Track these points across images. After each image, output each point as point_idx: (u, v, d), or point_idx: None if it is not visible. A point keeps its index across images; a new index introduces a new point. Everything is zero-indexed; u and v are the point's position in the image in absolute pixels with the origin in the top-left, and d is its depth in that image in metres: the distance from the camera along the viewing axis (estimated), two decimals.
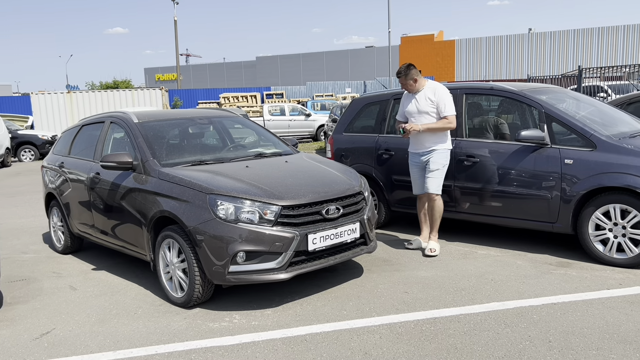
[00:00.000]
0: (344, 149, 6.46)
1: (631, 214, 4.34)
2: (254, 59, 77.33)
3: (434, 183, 5.04)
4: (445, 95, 4.98)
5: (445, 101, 4.95)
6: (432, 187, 5.03)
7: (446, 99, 4.97)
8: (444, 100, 4.95)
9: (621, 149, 4.44)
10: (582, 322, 3.40)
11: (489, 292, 4.02)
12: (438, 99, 4.96)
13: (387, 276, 4.48)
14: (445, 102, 4.94)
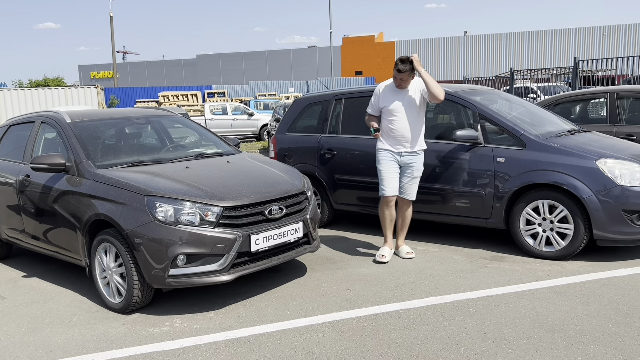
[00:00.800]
0: (286, 149, 6.47)
1: (558, 209, 4.59)
2: (195, 57, 75.85)
3: (416, 190, 4.86)
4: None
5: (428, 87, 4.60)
6: (414, 194, 4.85)
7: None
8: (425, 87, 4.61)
9: (548, 148, 4.69)
10: (514, 313, 3.57)
11: (428, 286, 4.14)
12: (422, 89, 4.66)
13: (330, 274, 4.53)
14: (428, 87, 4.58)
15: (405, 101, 4.70)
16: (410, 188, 4.82)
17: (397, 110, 4.71)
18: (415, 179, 4.81)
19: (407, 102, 4.70)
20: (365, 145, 5.72)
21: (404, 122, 4.70)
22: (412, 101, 4.70)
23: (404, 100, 4.70)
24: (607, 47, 60.44)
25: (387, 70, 70.97)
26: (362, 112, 6.05)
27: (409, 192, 4.84)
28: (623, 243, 4.50)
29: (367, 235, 5.80)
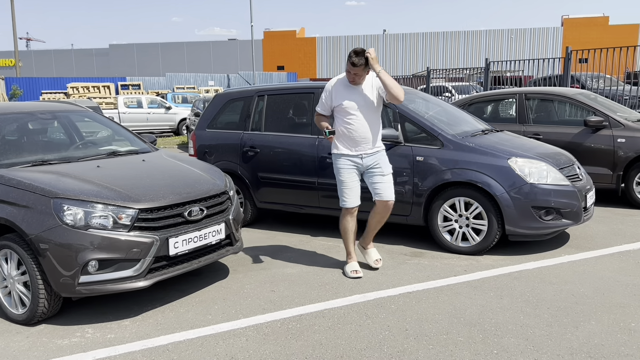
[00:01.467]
0: (207, 146, 6.27)
1: (473, 206, 4.78)
2: (107, 46, 72.26)
3: (390, 188, 4.35)
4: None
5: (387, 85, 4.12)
6: (392, 194, 4.35)
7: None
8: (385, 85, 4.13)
9: (464, 147, 4.86)
10: (433, 309, 3.67)
11: (351, 285, 4.17)
12: (379, 87, 4.22)
13: (254, 276, 4.44)
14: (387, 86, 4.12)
15: (362, 98, 4.23)
16: (385, 187, 4.31)
17: (353, 108, 4.23)
18: (388, 177, 4.33)
19: (364, 99, 4.23)
20: (289, 143, 5.67)
21: (362, 122, 4.24)
22: (368, 98, 4.24)
23: (360, 97, 4.23)
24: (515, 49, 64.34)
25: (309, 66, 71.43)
26: (285, 110, 6.02)
27: (386, 193, 4.31)
28: (532, 237, 4.77)
29: (292, 234, 5.76)
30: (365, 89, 4.25)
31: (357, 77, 4.17)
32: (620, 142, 6.39)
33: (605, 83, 13.82)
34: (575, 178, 4.92)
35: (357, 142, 4.27)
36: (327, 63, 72.48)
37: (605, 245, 5.01)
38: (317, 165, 5.46)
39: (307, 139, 5.57)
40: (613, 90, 12.88)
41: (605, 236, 5.31)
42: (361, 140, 4.27)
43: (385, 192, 4.30)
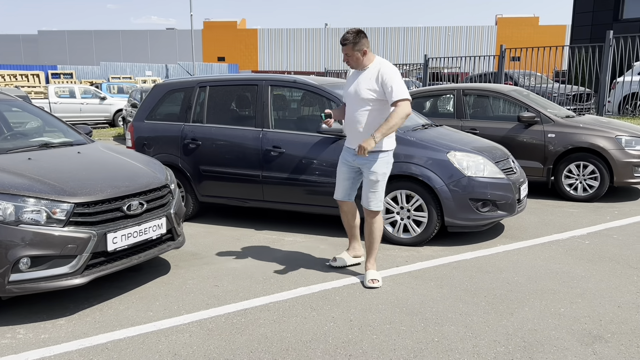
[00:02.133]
0: (146, 138, 6.08)
1: (414, 198, 4.89)
2: (36, 32, 68.55)
3: (375, 198, 3.96)
4: (393, 74, 3.77)
5: (393, 82, 3.73)
6: (372, 204, 3.97)
7: (394, 79, 3.75)
8: (391, 81, 3.73)
9: (406, 141, 4.96)
10: (377, 299, 3.73)
11: (297, 277, 4.17)
12: (383, 80, 3.76)
13: (196, 270, 4.36)
14: (393, 83, 3.72)
15: (354, 87, 3.91)
16: (365, 194, 3.99)
17: (346, 96, 4.01)
18: (371, 183, 3.94)
19: (355, 88, 3.91)
20: (232, 135, 5.59)
21: (350, 113, 3.97)
22: (359, 88, 3.86)
23: (355, 85, 3.91)
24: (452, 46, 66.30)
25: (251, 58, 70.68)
26: (229, 101, 5.93)
27: (364, 199, 4.02)
28: (470, 228, 4.95)
29: (235, 228, 5.69)
30: (364, 77, 3.88)
31: (348, 58, 3.90)
32: (551, 137, 6.74)
33: (535, 81, 14.54)
34: (509, 171, 5.13)
35: (349, 134, 4.07)
36: (269, 55, 72.00)
37: (537, 235, 5.27)
38: (262, 158, 5.42)
39: (250, 131, 5.51)
40: (543, 87, 13.56)
41: (536, 227, 5.59)
42: (349, 133, 4.06)
43: (368, 199, 4.00)
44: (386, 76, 3.76)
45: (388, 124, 3.72)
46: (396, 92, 3.73)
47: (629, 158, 6.45)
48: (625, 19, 19.70)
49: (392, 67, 3.86)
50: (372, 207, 3.99)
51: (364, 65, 3.90)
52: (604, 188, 6.52)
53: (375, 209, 3.99)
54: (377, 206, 3.99)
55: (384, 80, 3.76)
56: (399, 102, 3.73)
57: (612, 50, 11.96)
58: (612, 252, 4.68)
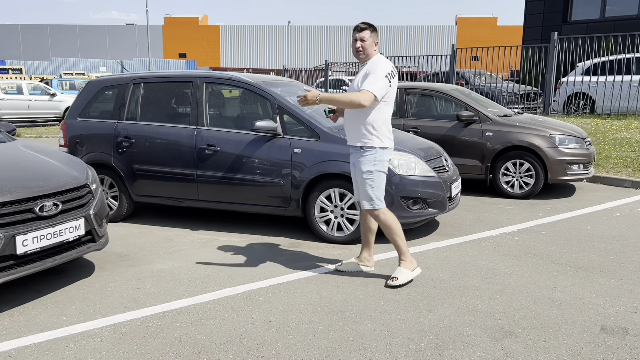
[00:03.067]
0: (78, 136, 5.90)
1: (347, 196, 4.90)
2: None
3: (363, 194, 3.88)
4: (377, 69, 3.72)
5: (371, 74, 3.70)
6: (361, 198, 3.91)
7: (375, 72, 3.70)
8: (370, 73, 3.71)
9: (339, 140, 4.96)
10: (300, 299, 3.71)
11: (223, 278, 4.11)
12: (369, 72, 3.73)
13: (121, 273, 4.24)
14: (371, 75, 3.69)
15: (354, 82, 3.87)
16: (357, 191, 3.96)
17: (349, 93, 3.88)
18: (358, 180, 3.90)
19: (352, 84, 3.89)
20: (166, 133, 5.48)
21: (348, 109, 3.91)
22: (355, 83, 3.84)
23: (355, 80, 3.88)
24: (414, 45, 67.11)
25: (213, 55, 69.91)
26: (163, 99, 5.81)
27: (358, 196, 3.99)
28: (403, 226, 4.97)
29: (170, 228, 5.58)
30: (361, 72, 3.82)
31: (363, 44, 3.78)
32: (489, 136, 6.87)
33: (486, 80, 14.84)
34: (441, 169, 5.20)
35: (346, 131, 4.00)
36: (231, 52, 71.36)
37: (469, 232, 5.36)
38: (196, 157, 5.33)
39: (185, 129, 5.42)
40: (493, 87, 13.86)
41: (470, 223, 5.69)
42: (346, 130, 3.99)
43: (357, 194, 3.99)
44: (370, 69, 3.74)
45: (340, 96, 3.71)
46: (367, 83, 3.68)
47: (562, 156, 6.63)
48: (573, 20, 20.33)
49: (382, 63, 3.77)
50: (364, 205, 3.92)
51: (369, 58, 3.82)
52: (539, 185, 6.69)
53: (368, 207, 3.89)
54: (369, 205, 3.88)
55: (369, 73, 3.73)
56: (363, 90, 3.67)
57: (557, 51, 12.30)
58: (538, 248, 4.79)
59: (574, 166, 6.67)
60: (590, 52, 12.12)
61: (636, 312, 3.44)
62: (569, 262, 4.41)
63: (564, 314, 3.42)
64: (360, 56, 3.83)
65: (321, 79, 20.74)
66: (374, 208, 3.90)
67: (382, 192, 3.91)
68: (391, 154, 3.97)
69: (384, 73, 3.72)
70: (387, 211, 3.96)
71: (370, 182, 3.85)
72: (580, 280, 4.01)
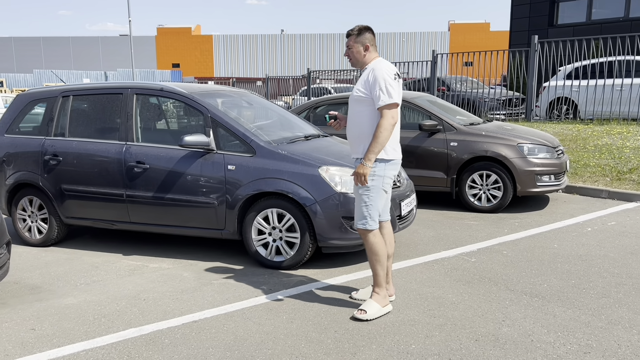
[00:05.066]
0: (5, 154, 5.45)
1: (285, 217, 4.45)
2: None
3: (361, 212, 3.46)
4: (383, 74, 3.34)
5: (380, 83, 3.31)
6: (357, 217, 3.51)
7: (383, 80, 3.32)
8: (378, 83, 3.31)
9: (276, 155, 4.53)
10: (211, 341, 3.26)
11: (133, 315, 3.65)
12: (372, 80, 3.35)
13: (22, 310, 3.78)
14: (380, 85, 3.31)
15: (354, 89, 3.54)
16: (355, 207, 3.56)
17: (349, 101, 3.60)
18: (355, 195, 3.53)
19: (353, 91, 3.53)
20: (95, 150, 5.05)
21: (348, 117, 3.60)
22: (354, 90, 3.50)
23: (354, 87, 3.55)
24: (407, 51, 66.92)
25: (206, 64, 69.77)
26: (92, 112, 5.38)
27: (354, 213, 3.60)
28: (347, 249, 4.53)
29: (101, 252, 5.13)
30: (361, 77, 3.48)
31: (349, 52, 3.52)
32: (453, 146, 6.43)
33: (468, 86, 14.44)
34: (392, 185, 4.74)
35: (348, 141, 3.65)
36: (225, 62, 71.22)
37: (424, 252, 4.91)
38: (125, 175, 4.89)
39: (113, 145, 4.98)
40: (475, 93, 13.46)
41: (428, 242, 5.23)
42: (348, 140, 3.63)
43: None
44: (375, 76, 3.35)
45: (376, 141, 3.29)
46: (382, 96, 3.30)
47: (531, 167, 6.19)
48: (560, 24, 19.97)
49: (385, 67, 3.39)
50: (357, 224, 3.51)
51: (364, 63, 3.49)
52: (508, 198, 6.25)
53: (360, 226, 3.47)
54: (361, 224, 3.46)
55: (373, 81, 3.36)
56: (384, 109, 3.31)
57: (538, 55, 11.89)
58: (494, 272, 4.35)
59: (544, 177, 6.23)
60: (579, 56, 11.70)
61: (589, 353, 2.99)
62: (525, 289, 3.96)
63: (506, 356, 2.97)
64: (351, 63, 3.55)
65: (304, 87, 20.35)
66: (365, 228, 3.46)
67: (377, 211, 3.48)
68: (397, 169, 3.57)
69: (390, 76, 3.36)
70: (378, 235, 3.52)
71: (365, 198, 3.43)
72: (533, 312, 3.56)
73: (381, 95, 3.32)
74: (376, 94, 3.33)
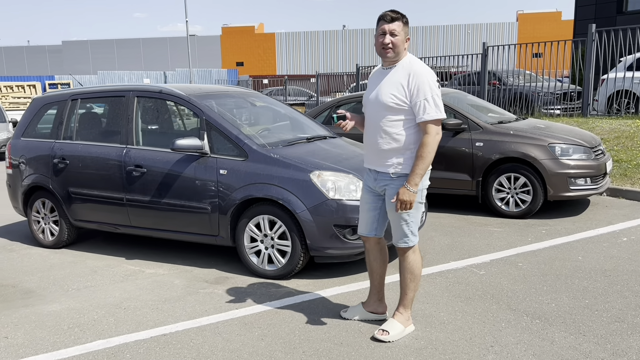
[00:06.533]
0: (20, 157, 5.59)
1: (277, 224, 4.25)
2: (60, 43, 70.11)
3: (401, 230, 3.09)
4: (429, 81, 2.92)
5: (426, 92, 2.90)
6: (397, 236, 3.13)
7: (430, 88, 2.91)
8: (424, 91, 2.90)
9: (268, 159, 4.32)
10: (172, 357, 3.11)
11: (107, 326, 3.57)
12: (414, 86, 2.92)
13: (7, 315, 3.80)
14: (427, 94, 2.90)
15: (377, 89, 3.06)
16: (393, 226, 3.15)
17: (366, 104, 3.15)
18: (391, 213, 3.10)
19: (377, 92, 3.05)
20: (98, 153, 5.05)
21: (369, 124, 3.13)
22: (382, 91, 3.01)
23: (378, 88, 3.05)
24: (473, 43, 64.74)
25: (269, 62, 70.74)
26: (96, 115, 5.42)
27: (393, 233, 3.17)
28: (340, 259, 4.26)
29: (106, 256, 5.12)
30: (391, 78, 3.01)
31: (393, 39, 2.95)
32: (479, 146, 5.97)
33: (525, 79, 13.60)
34: None
35: (366, 148, 3.20)
36: (287, 59, 71.93)
37: (432, 263, 4.54)
38: (125, 179, 4.85)
39: (115, 148, 4.96)
40: (528, 86, 12.66)
41: (440, 251, 4.85)
42: (368, 150, 3.18)
43: (392, 230, 3.18)
44: (419, 82, 2.90)
45: (423, 162, 2.90)
46: (429, 108, 2.89)
47: (564, 169, 5.63)
48: (630, 11, 18.44)
49: (428, 71, 2.95)
50: (398, 242, 3.13)
51: (396, 60, 3.02)
52: (538, 203, 5.72)
53: (402, 245, 3.12)
54: (403, 242, 3.10)
55: (416, 87, 2.91)
56: (430, 124, 2.90)
57: (596, 45, 10.97)
58: (500, 287, 3.93)
59: (579, 180, 5.65)
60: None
61: None
62: (529, 308, 3.54)
63: None
64: (388, 55, 2.99)
65: (353, 83, 20.03)
66: (408, 246, 3.12)
67: (417, 225, 3.14)
68: (428, 177, 3.14)
69: (435, 82, 2.94)
70: (418, 251, 3.18)
71: (405, 216, 3.04)
72: (529, 337, 3.15)
73: (427, 107, 2.89)
74: (420, 105, 2.90)
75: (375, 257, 3.38)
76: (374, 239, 3.33)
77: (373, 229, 3.29)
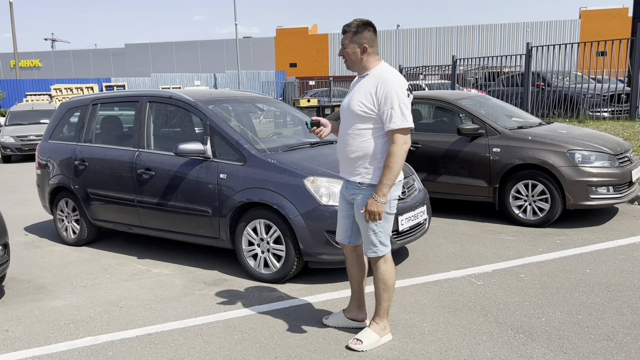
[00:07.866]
0: (47, 159, 5.92)
1: (272, 229, 4.29)
2: (123, 46, 73.21)
3: (370, 240, 3.06)
4: (397, 89, 2.87)
5: (394, 100, 2.85)
6: (366, 245, 3.11)
7: (394, 96, 2.86)
8: (391, 99, 2.86)
9: (265, 164, 4.37)
10: (150, 357, 3.21)
11: (100, 323, 3.72)
12: (382, 94, 2.88)
13: (12, 310, 4.03)
14: (393, 103, 2.85)
15: (349, 98, 3.06)
16: (363, 235, 3.13)
17: (341, 111, 3.14)
18: (361, 223, 3.07)
19: (348, 101, 3.05)
20: (113, 156, 5.27)
21: (340, 132, 3.13)
22: (352, 100, 3.00)
23: (350, 96, 3.06)
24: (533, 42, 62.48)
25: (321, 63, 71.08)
26: (113, 119, 5.64)
27: (363, 241, 3.16)
28: (332, 265, 4.25)
29: (120, 255, 5.34)
30: (361, 86, 3.00)
31: (344, 52, 3.03)
32: (496, 152, 5.78)
33: (573, 80, 13.03)
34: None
35: (339, 160, 3.19)
36: (339, 60, 71.95)
37: (432, 271, 4.46)
38: (135, 181, 5.04)
39: (127, 152, 5.16)
40: (573, 88, 12.13)
41: (444, 259, 4.75)
42: (339, 159, 3.17)
43: (363, 239, 3.17)
44: (387, 91, 2.86)
45: (390, 172, 2.87)
46: (396, 118, 2.85)
47: (584, 177, 5.36)
48: None
49: (397, 78, 2.90)
50: (366, 250, 3.11)
51: (364, 69, 3.02)
52: (556, 211, 5.48)
53: (371, 255, 3.09)
54: (372, 252, 3.07)
55: (383, 96, 2.88)
56: (397, 133, 2.87)
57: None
58: (493, 299, 3.81)
59: (600, 189, 5.37)
60: None
61: None
62: (516, 322, 3.41)
63: None
64: (347, 65, 3.07)
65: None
66: (377, 256, 3.09)
67: (388, 236, 3.10)
68: (401, 187, 3.15)
69: (403, 90, 2.89)
70: (390, 261, 3.14)
71: (373, 226, 3.02)
72: (507, 352, 3.04)
73: (394, 116, 2.85)
74: (387, 114, 2.86)
75: (353, 265, 3.36)
76: (349, 246, 3.31)
77: (347, 237, 3.28)
